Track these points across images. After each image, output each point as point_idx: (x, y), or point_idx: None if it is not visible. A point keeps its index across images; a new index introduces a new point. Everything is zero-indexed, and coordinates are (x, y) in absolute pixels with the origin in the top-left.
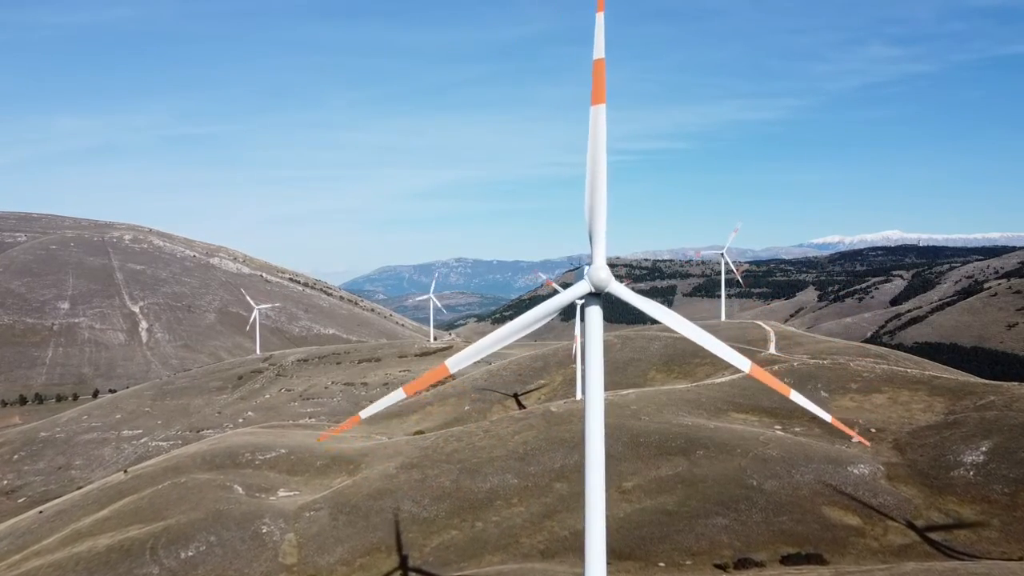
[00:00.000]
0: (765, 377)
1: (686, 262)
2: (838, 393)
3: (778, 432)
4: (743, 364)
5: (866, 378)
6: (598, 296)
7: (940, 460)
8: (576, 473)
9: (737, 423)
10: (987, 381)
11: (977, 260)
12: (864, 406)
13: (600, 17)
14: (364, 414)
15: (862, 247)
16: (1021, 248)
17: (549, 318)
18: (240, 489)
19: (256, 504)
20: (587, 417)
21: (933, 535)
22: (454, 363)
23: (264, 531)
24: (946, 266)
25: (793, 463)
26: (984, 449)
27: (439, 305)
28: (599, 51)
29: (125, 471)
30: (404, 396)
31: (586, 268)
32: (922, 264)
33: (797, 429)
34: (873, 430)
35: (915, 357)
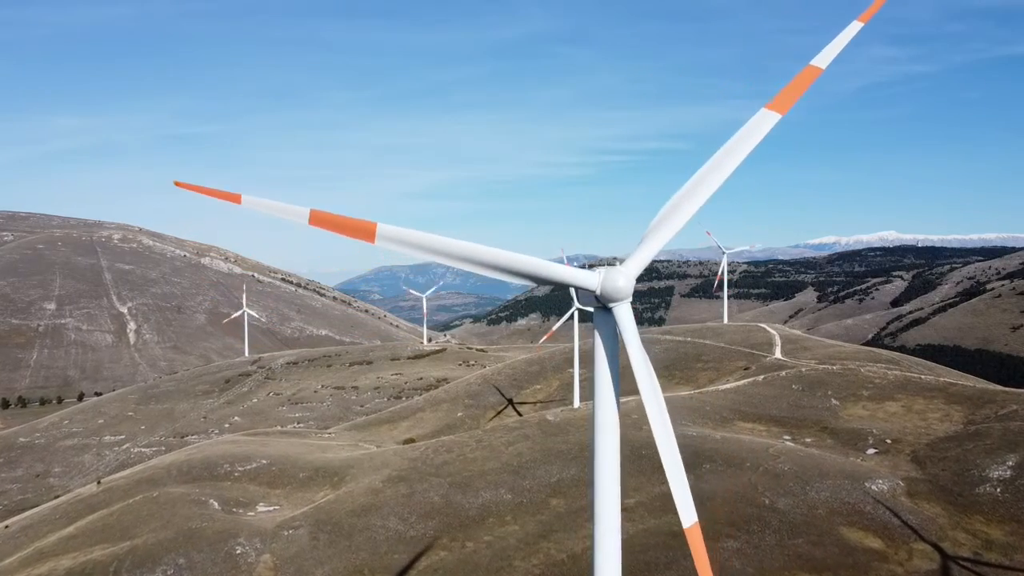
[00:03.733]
0: (699, 549)
1: (683, 263)
2: (849, 401)
3: (788, 443)
4: (688, 518)
5: (878, 384)
6: (608, 311)
7: (964, 475)
8: (574, 488)
9: (744, 433)
10: (1006, 389)
11: (978, 261)
12: (877, 415)
13: (856, 27)
14: (247, 199)
15: (859, 248)
16: (1021, 249)
17: (526, 281)
18: (216, 504)
19: (232, 521)
20: (598, 471)
21: (961, 560)
22: (386, 232)
23: (238, 552)
24: (946, 267)
25: (807, 479)
26: (1011, 463)
27: (434, 304)
28: (823, 60)
29: (98, 482)
30: (307, 222)
31: (604, 269)
32: (921, 265)
33: (808, 440)
34: (889, 441)
35: (927, 362)
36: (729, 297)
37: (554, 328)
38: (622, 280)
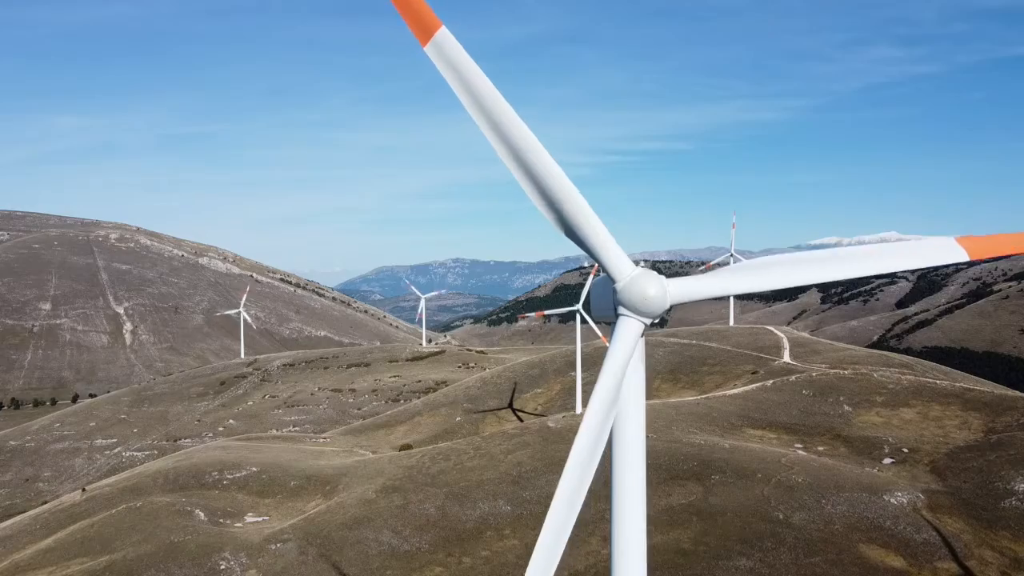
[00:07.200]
0: None
1: (685, 263)
2: (862, 407)
3: (800, 453)
4: None
5: (892, 390)
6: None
7: (987, 488)
8: None
9: (754, 441)
10: None
11: (983, 262)
12: (892, 422)
13: None
14: None
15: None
16: None
17: (550, 214)
18: (202, 515)
19: (217, 534)
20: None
21: None
22: (445, 42)
23: (222, 567)
24: (952, 267)
25: (822, 491)
26: None
27: (434, 304)
28: None
29: (83, 490)
30: None
31: (634, 270)
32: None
33: (820, 448)
34: (906, 450)
35: (941, 366)
36: (733, 298)
37: (547, 312)
38: (654, 288)
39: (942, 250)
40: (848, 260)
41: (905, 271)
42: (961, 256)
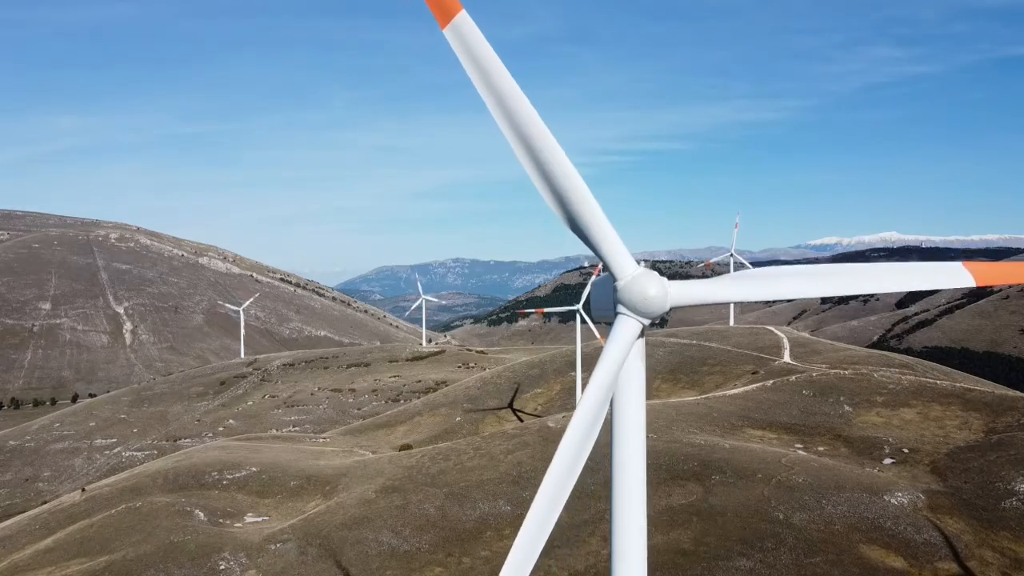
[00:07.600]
0: None
1: (685, 263)
2: (863, 407)
3: (800, 453)
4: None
5: (892, 390)
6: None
7: (988, 488)
8: (575, 500)
9: (754, 442)
10: None
11: (983, 261)
12: (892, 422)
13: None
14: None
15: (861, 248)
16: None
17: (556, 206)
18: (202, 515)
19: (216, 534)
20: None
21: None
22: (463, 27)
23: (222, 567)
24: None
25: (823, 492)
26: None
27: (434, 304)
28: None
29: (83, 490)
30: None
31: (637, 269)
32: None
33: (821, 449)
34: (906, 450)
35: (941, 367)
36: None
37: (547, 310)
38: (655, 289)
39: (949, 274)
40: (853, 276)
41: (895, 290)
42: (968, 281)
